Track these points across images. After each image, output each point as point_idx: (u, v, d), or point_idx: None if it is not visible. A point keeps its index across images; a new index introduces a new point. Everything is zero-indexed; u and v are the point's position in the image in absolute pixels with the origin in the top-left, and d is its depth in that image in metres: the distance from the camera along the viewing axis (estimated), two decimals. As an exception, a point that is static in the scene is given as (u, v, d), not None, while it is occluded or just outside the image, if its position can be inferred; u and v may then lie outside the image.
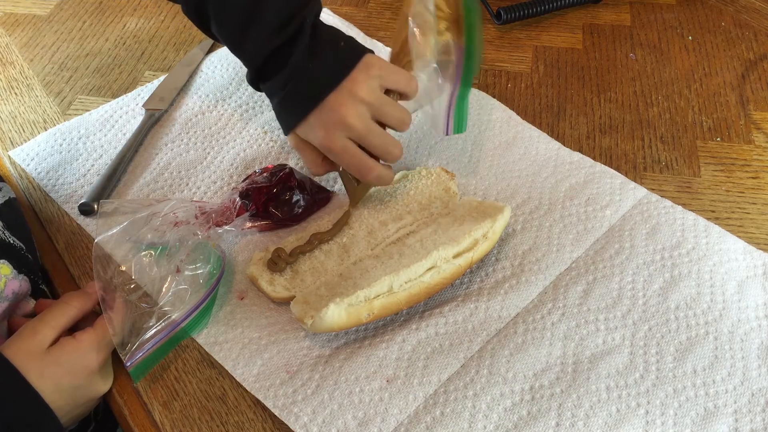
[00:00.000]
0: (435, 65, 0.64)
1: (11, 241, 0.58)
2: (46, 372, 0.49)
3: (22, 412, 0.48)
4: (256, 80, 0.62)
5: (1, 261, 0.55)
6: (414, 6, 0.63)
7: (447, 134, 0.66)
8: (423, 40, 0.63)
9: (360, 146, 0.60)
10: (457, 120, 0.65)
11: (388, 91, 0.61)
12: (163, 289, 0.56)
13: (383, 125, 0.61)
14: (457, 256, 0.57)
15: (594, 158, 0.70)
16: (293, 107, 0.59)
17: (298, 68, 0.58)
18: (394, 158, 0.61)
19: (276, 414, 0.52)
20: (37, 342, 0.51)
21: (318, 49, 0.58)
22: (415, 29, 0.63)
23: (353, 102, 0.57)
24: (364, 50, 0.59)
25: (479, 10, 0.64)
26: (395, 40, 0.67)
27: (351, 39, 0.60)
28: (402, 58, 0.64)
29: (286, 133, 0.62)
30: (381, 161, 0.61)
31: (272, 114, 0.77)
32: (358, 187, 0.64)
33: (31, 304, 0.57)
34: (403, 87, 0.60)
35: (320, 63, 0.58)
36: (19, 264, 0.57)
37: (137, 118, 0.77)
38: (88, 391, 0.52)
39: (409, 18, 0.63)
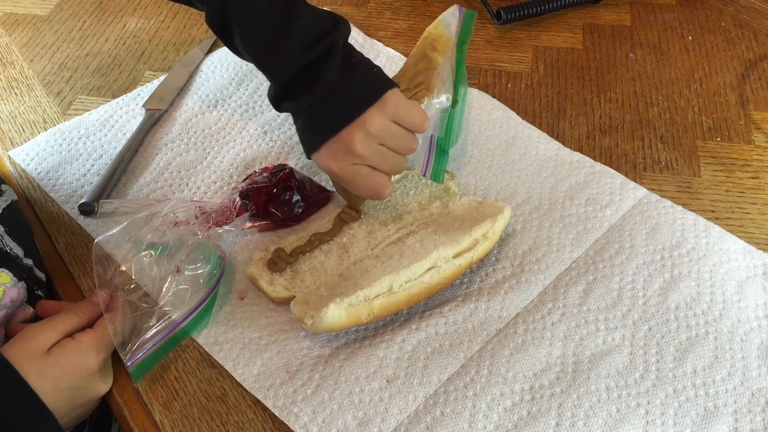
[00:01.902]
0: (442, 105, 0.64)
1: (8, 249, 0.58)
2: (45, 373, 0.49)
3: (21, 412, 0.48)
4: (279, 99, 0.61)
5: (1, 269, 0.55)
6: (448, 49, 0.66)
7: (424, 174, 0.64)
8: (441, 81, 0.64)
9: None
10: (435, 167, 0.64)
11: None
12: (164, 289, 0.56)
13: None
14: (457, 256, 0.57)
15: (594, 158, 0.70)
16: (320, 127, 0.58)
17: (330, 88, 0.57)
18: (401, 171, 0.62)
19: (276, 414, 0.52)
20: (38, 343, 0.51)
21: (351, 71, 0.58)
22: (446, 66, 0.64)
23: (363, 135, 0.57)
24: (391, 84, 0.59)
25: (464, 93, 0.67)
26: (413, 62, 0.67)
27: (380, 68, 0.60)
28: (418, 84, 0.65)
29: (308, 154, 0.61)
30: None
31: (272, 114, 0.77)
32: (356, 197, 0.63)
33: (29, 310, 0.57)
34: (416, 127, 0.60)
35: (354, 84, 0.58)
36: (20, 272, 0.57)
37: (137, 118, 0.77)
38: (87, 391, 0.52)
39: (446, 56, 0.65)
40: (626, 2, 0.92)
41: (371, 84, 0.58)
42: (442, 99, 0.63)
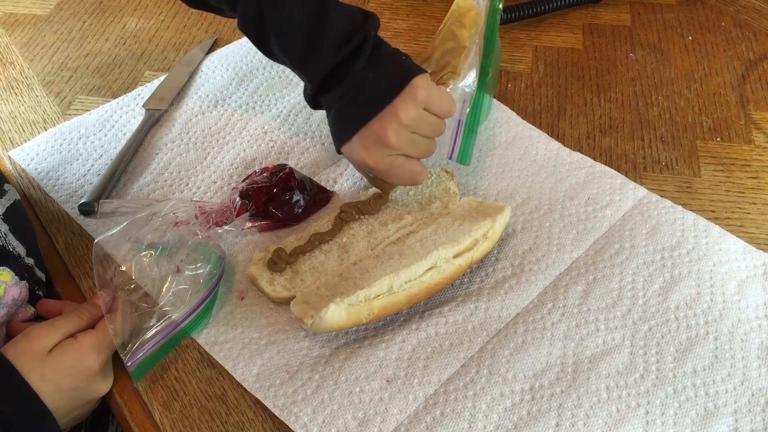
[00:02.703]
0: (469, 89, 0.64)
1: (11, 249, 0.58)
2: (46, 373, 0.50)
3: (21, 412, 0.48)
4: (315, 96, 0.62)
5: (2, 268, 0.55)
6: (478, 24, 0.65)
7: (450, 158, 0.66)
8: (468, 64, 0.64)
9: None
10: (462, 149, 0.66)
11: None
12: (164, 289, 0.56)
13: None
14: (457, 256, 0.57)
15: (594, 158, 0.70)
16: (351, 118, 0.59)
17: (359, 78, 0.58)
18: (432, 154, 0.62)
19: (276, 414, 0.52)
20: (39, 344, 0.51)
21: (379, 60, 0.59)
22: (473, 46, 0.64)
23: (395, 126, 0.58)
24: (419, 70, 0.59)
25: (496, 70, 0.65)
26: (440, 41, 0.66)
27: (409, 57, 0.61)
28: (444, 65, 0.65)
29: (339, 146, 0.62)
30: None
31: (272, 114, 0.77)
32: (388, 185, 0.64)
33: (30, 310, 0.57)
34: (445, 113, 0.61)
35: (381, 72, 0.58)
36: (21, 271, 0.57)
37: (137, 118, 0.77)
38: (88, 392, 0.52)
39: (477, 36, 0.64)
40: (626, 2, 0.92)
41: (399, 71, 0.59)
42: (468, 82, 0.63)
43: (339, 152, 0.62)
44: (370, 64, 0.58)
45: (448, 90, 0.62)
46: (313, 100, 0.63)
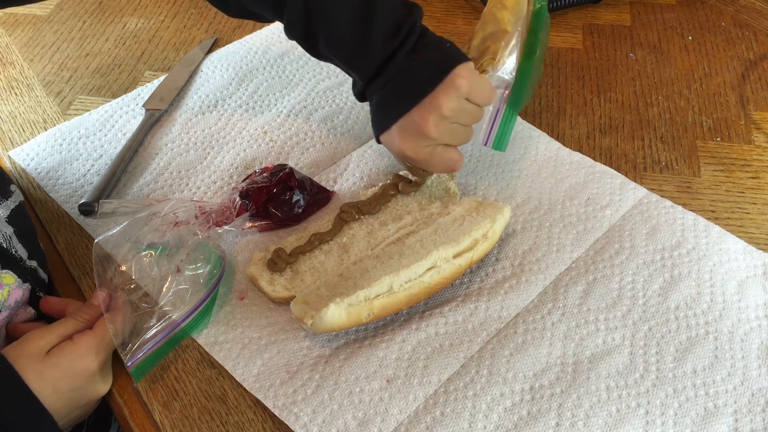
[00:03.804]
0: (508, 77, 0.63)
1: (13, 252, 0.58)
2: (44, 375, 0.50)
3: (20, 414, 0.48)
4: (364, 90, 0.62)
5: (5, 271, 0.55)
6: (521, 9, 0.64)
7: (485, 144, 0.66)
8: (507, 48, 0.63)
9: None
10: (499, 136, 0.65)
11: None
12: (164, 289, 0.56)
13: None
14: (457, 256, 0.57)
15: (594, 158, 0.70)
16: (392, 106, 0.59)
17: (401, 67, 0.58)
18: (469, 140, 0.62)
19: (276, 414, 0.52)
20: (37, 346, 0.51)
21: (422, 49, 0.58)
22: (518, 31, 0.63)
23: (436, 117, 0.57)
24: (462, 58, 0.59)
25: (544, 46, 0.64)
26: (481, 25, 0.66)
27: (453, 44, 0.60)
28: (484, 50, 0.64)
29: (378, 135, 0.62)
30: None
31: (272, 114, 0.77)
32: (425, 172, 0.64)
33: (29, 311, 0.58)
34: (485, 101, 0.60)
35: (424, 61, 0.58)
36: (23, 273, 0.57)
37: (137, 118, 0.77)
38: (87, 392, 0.52)
39: (520, 20, 0.63)
40: (626, 2, 0.92)
41: (441, 60, 0.58)
42: (509, 69, 0.62)
43: (378, 141, 0.62)
44: (414, 53, 0.58)
45: (486, 77, 0.61)
46: (362, 93, 0.63)
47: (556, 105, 0.77)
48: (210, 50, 0.87)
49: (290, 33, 0.63)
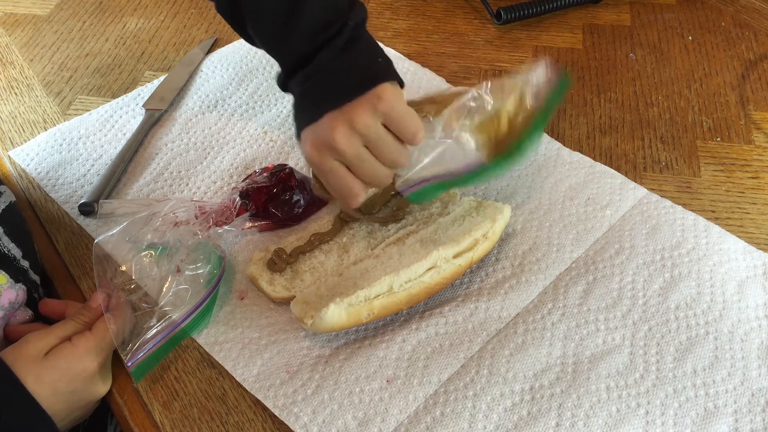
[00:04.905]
0: (450, 140, 0.57)
1: (6, 251, 0.58)
2: (43, 376, 0.49)
3: (18, 416, 0.48)
4: (286, 79, 0.59)
5: None
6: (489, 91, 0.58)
7: (402, 193, 0.60)
8: (459, 114, 0.57)
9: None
10: (419, 193, 0.60)
11: None
12: (164, 289, 0.56)
13: None
14: (457, 256, 0.57)
15: (594, 158, 0.70)
16: (306, 108, 0.55)
17: (325, 69, 0.54)
18: (381, 186, 0.57)
19: (276, 414, 0.52)
20: (35, 348, 0.51)
21: (350, 54, 0.54)
22: (470, 101, 0.57)
23: (346, 128, 0.52)
24: (391, 76, 0.55)
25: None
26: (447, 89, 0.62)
27: (389, 60, 0.56)
28: (432, 101, 0.60)
29: (297, 134, 0.57)
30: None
31: (272, 114, 0.77)
32: (328, 194, 0.60)
33: (27, 313, 0.57)
34: (407, 137, 0.54)
35: (349, 68, 0.54)
36: (16, 273, 0.57)
37: (137, 118, 0.77)
38: (86, 394, 0.52)
39: (475, 89, 0.57)
40: (626, 2, 0.92)
41: (368, 72, 0.54)
42: (447, 130, 0.56)
43: (298, 138, 0.57)
44: (341, 57, 0.54)
45: (416, 115, 0.55)
46: (284, 83, 0.59)
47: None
48: (210, 50, 0.87)
49: (220, 10, 0.60)
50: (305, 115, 0.55)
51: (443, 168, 0.58)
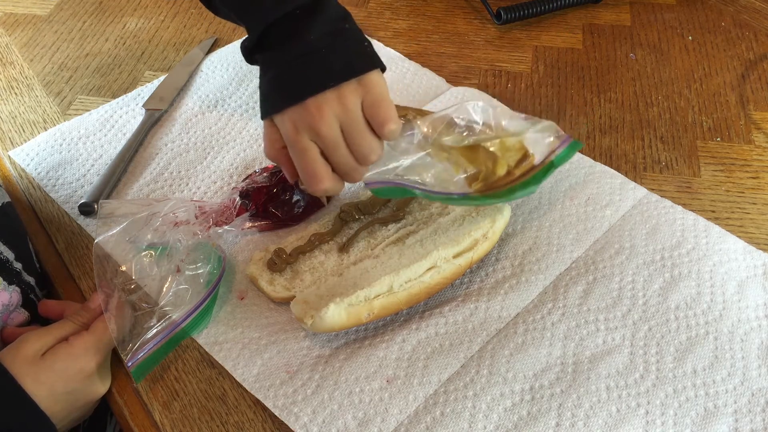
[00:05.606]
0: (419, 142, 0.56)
1: None
2: (40, 377, 0.49)
3: (17, 417, 0.48)
4: (253, 48, 0.55)
5: None
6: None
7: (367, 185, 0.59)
8: (432, 130, 0.56)
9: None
10: (381, 190, 0.58)
11: None
12: (164, 289, 0.56)
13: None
14: (457, 256, 0.57)
15: (594, 158, 0.70)
16: (290, 88, 0.53)
17: (312, 49, 0.52)
18: (352, 181, 0.56)
19: (276, 414, 0.52)
20: (32, 348, 0.51)
21: (339, 36, 0.53)
22: (459, 119, 0.56)
23: (332, 114, 0.51)
24: (379, 63, 0.54)
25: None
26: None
27: (371, 44, 0.55)
28: (418, 111, 0.59)
29: (268, 112, 0.54)
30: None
31: (272, 114, 0.77)
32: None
33: (24, 314, 0.57)
34: (378, 123, 0.53)
35: (339, 51, 0.52)
36: (9, 275, 0.57)
37: (137, 118, 0.77)
38: (85, 394, 0.52)
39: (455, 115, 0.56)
40: (626, 2, 0.92)
41: (358, 56, 0.53)
42: (426, 133, 0.55)
43: (263, 119, 0.56)
44: (327, 38, 0.52)
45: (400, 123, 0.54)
46: (250, 52, 0.56)
47: (556, 105, 0.77)
48: (210, 50, 0.87)
49: None
50: (285, 96, 0.53)
51: (419, 178, 0.57)
